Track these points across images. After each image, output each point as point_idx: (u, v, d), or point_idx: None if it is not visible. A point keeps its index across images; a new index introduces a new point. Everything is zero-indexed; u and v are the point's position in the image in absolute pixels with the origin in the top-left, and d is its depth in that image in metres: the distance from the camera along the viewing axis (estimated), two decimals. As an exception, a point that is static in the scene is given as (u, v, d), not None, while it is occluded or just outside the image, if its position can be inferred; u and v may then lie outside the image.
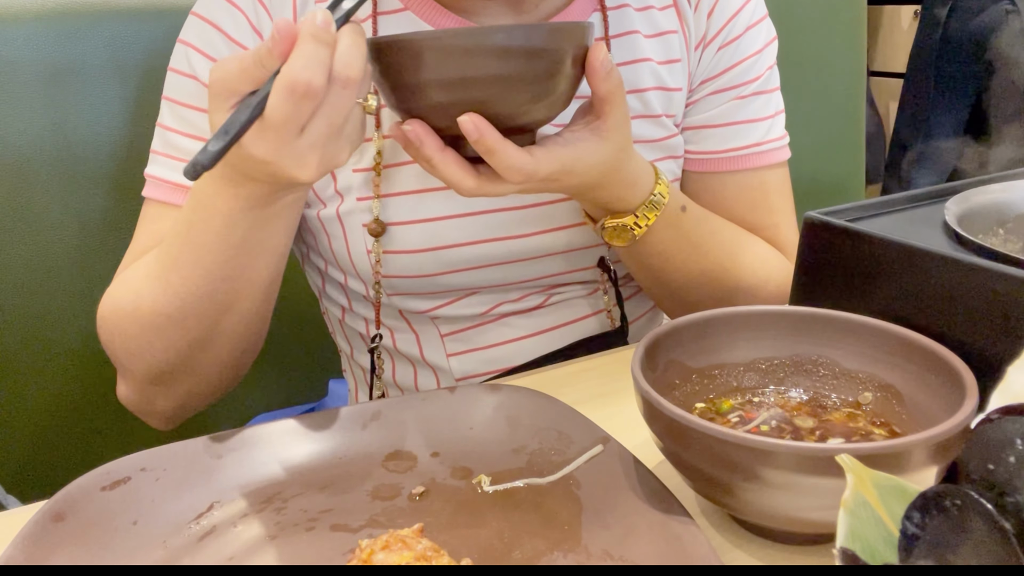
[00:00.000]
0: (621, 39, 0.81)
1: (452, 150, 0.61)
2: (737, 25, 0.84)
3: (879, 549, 0.36)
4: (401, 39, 0.59)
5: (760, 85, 0.86)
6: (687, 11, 0.83)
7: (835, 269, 0.67)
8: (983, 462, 0.39)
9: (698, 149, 0.86)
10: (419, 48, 0.58)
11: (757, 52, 0.85)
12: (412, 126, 0.60)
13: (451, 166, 0.61)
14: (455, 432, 0.62)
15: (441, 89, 0.59)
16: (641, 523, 0.52)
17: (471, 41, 0.58)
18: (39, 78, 0.91)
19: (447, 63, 0.58)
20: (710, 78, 0.85)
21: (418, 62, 0.58)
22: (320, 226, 0.80)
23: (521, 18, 0.79)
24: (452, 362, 0.85)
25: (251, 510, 0.55)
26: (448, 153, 0.61)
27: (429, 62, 0.58)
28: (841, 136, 1.40)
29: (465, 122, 0.58)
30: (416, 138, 0.60)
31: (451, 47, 0.58)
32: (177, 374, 0.72)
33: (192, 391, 0.75)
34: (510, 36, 0.58)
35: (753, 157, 0.86)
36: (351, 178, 0.77)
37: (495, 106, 0.59)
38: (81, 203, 0.95)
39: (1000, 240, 0.69)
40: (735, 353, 0.62)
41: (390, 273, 0.79)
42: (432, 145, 0.60)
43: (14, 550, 0.48)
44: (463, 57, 0.58)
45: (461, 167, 0.61)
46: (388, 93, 0.62)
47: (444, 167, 0.61)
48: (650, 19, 0.83)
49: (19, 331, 0.95)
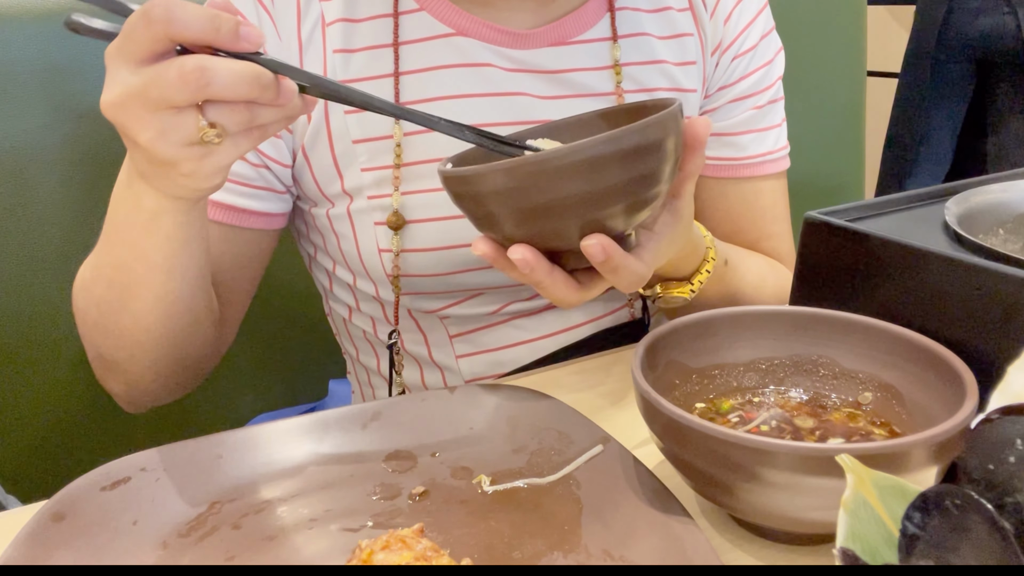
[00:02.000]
0: (632, 39, 0.82)
1: (560, 269, 0.59)
2: (752, 34, 0.86)
3: (879, 549, 0.36)
4: (517, 165, 0.54)
5: (773, 94, 0.89)
6: (703, 16, 0.84)
7: (835, 269, 0.67)
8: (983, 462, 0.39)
9: (716, 155, 0.88)
10: (541, 170, 0.53)
11: (769, 62, 0.88)
12: (521, 253, 0.56)
13: (560, 284, 0.59)
14: (455, 432, 0.62)
15: (557, 213, 0.55)
16: (641, 523, 0.52)
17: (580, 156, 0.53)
18: (39, 78, 0.91)
19: (566, 184, 0.53)
20: (726, 86, 0.87)
21: (540, 186, 0.54)
22: (328, 225, 0.80)
23: (542, 12, 0.79)
24: (461, 364, 0.85)
25: (251, 510, 0.55)
26: (557, 273, 0.58)
27: (549, 186, 0.53)
28: (841, 136, 1.40)
29: (591, 246, 0.55)
30: (526, 265, 0.56)
31: (559, 168, 0.53)
32: (107, 359, 0.73)
33: (131, 382, 0.74)
34: (615, 142, 0.53)
35: (766, 165, 0.89)
36: (360, 177, 0.77)
37: (605, 220, 0.56)
38: (80, 203, 0.95)
39: (1000, 240, 0.69)
40: (735, 353, 0.62)
41: (404, 271, 0.79)
42: (543, 269, 0.57)
43: (14, 550, 0.48)
44: (573, 176, 0.53)
45: (567, 284, 0.59)
46: (487, 222, 0.58)
47: (554, 287, 0.58)
48: (667, 20, 0.83)
49: (19, 331, 0.95)
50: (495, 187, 0.55)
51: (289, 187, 0.80)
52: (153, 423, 1.03)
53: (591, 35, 0.81)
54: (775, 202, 0.91)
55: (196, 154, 0.53)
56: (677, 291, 0.75)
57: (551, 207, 0.55)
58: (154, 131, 0.52)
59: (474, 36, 0.78)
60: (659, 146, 0.55)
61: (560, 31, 0.80)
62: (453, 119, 0.58)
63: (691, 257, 0.73)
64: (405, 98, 0.77)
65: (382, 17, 0.77)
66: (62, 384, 0.98)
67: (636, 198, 0.56)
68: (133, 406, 0.78)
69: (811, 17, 1.32)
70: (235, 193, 0.76)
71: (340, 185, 0.78)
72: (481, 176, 0.55)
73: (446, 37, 0.77)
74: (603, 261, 0.56)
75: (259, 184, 0.77)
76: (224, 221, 0.77)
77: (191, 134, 0.52)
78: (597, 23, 0.81)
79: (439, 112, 0.63)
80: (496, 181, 0.54)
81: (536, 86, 0.79)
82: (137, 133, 0.52)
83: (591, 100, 0.80)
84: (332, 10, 0.76)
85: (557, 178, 0.53)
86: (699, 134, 0.60)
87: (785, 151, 0.91)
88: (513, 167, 0.54)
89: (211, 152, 0.53)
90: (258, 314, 1.07)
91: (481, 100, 0.77)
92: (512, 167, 0.54)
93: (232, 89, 0.50)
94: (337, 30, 0.76)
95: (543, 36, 0.79)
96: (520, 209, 0.55)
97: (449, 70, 0.77)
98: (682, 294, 0.75)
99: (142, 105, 0.51)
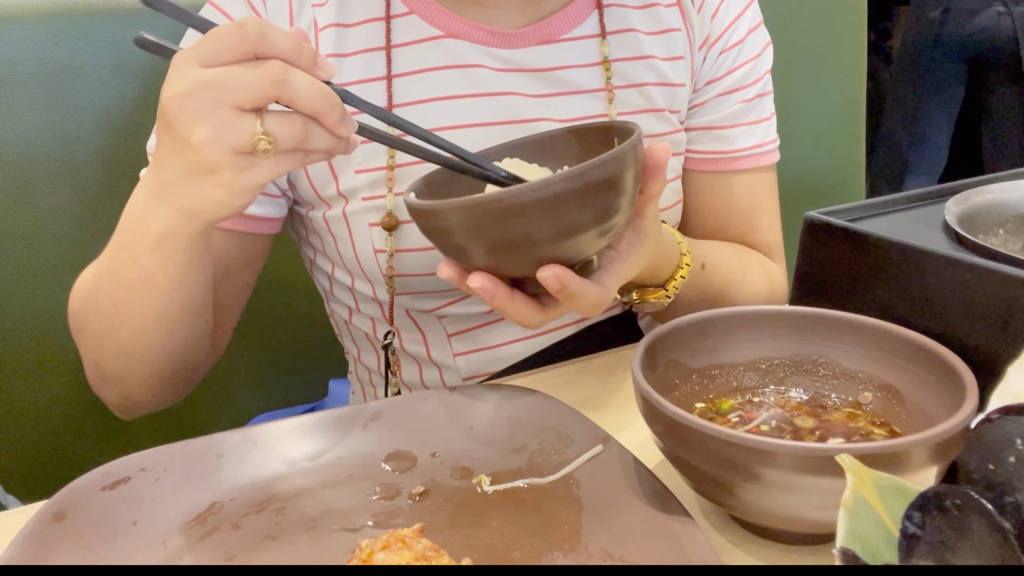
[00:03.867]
0: (620, 36, 0.82)
1: (520, 292, 0.60)
2: (739, 29, 0.87)
3: (879, 549, 0.36)
4: (477, 202, 0.55)
5: (761, 88, 0.89)
6: (691, 11, 0.85)
7: (835, 269, 0.67)
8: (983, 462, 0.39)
9: (706, 149, 0.89)
10: (502, 207, 0.55)
11: (757, 56, 0.88)
12: (480, 281, 0.58)
13: (520, 308, 0.60)
14: (455, 432, 0.62)
15: (517, 246, 0.56)
16: (641, 523, 0.52)
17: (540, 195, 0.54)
18: (39, 78, 0.91)
19: (526, 220, 0.55)
20: (714, 80, 0.87)
21: (501, 222, 0.55)
22: (325, 228, 0.81)
23: (529, 11, 0.79)
24: (459, 361, 0.85)
25: (251, 510, 0.55)
26: (517, 297, 0.60)
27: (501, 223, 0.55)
28: (841, 136, 1.40)
29: (547, 278, 0.57)
30: (486, 293, 0.59)
31: (521, 205, 0.54)
32: (104, 369, 0.73)
33: (126, 393, 0.75)
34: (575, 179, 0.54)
35: (756, 158, 0.90)
36: (355, 179, 0.77)
37: (566, 250, 0.58)
38: (81, 203, 0.95)
39: (1000, 240, 0.69)
40: (735, 353, 0.62)
41: (400, 271, 0.79)
42: (503, 295, 0.59)
43: (14, 550, 0.48)
44: (534, 213, 0.55)
45: (529, 307, 0.61)
46: (452, 251, 0.60)
47: (514, 310, 0.60)
48: (655, 16, 0.84)
49: (19, 331, 0.95)
50: (456, 222, 0.56)
51: (284, 191, 0.80)
52: (153, 423, 1.03)
53: (579, 32, 0.81)
54: (764, 195, 0.91)
55: (240, 164, 0.54)
56: (653, 297, 0.76)
57: (511, 241, 0.56)
58: (211, 129, 0.53)
59: (463, 37, 0.78)
60: (618, 180, 0.57)
61: (548, 29, 0.80)
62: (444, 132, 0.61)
63: (664, 265, 0.74)
64: (398, 100, 0.77)
65: (374, 21, 0.78)
66: (62, 384, 0.98)
67: (596, 229, 0.58)
68: (126, 414, 0.79)
69: (811, 17, 1.32)
70: None
71: (335, 187, 0.78)
72: (443, 211, 0.56)
73: (436, 39, 0.78)
74: (559, 290, 0.58)
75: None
76: (222, 226, 0.77)
77: (244, 139, 0.53)
78: (585, 20, 0.81)
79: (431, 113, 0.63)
80: (457, 217, 0.56)
81: (526, 85, 0.79)
82: (192, 129, 0.53)
83: (581, 97, 0.81)
84: (324, 15, 0.77)
85: (517, 214, 0.55)
86: (658, 160, 0.61)
87: (775, 144, 0.91)
88: (473, 203, 0.55)
89: (254, 165, 0.54)
90: (259, 314, 1.07)
91: (472, 100, 0.78)
92: (472, 203, 0.55)
93: (306, 96, 0.53)
94: (330, 35, 0.77)
95: (531, 35, 0.80)
96: (481, 243, 0.57)
97: (440, 72, 0.78)
98: (658, 299, 0.76)
99: (210, 98, 0.52)
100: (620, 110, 0.81)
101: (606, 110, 0.81)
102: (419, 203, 0.58)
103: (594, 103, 0.81)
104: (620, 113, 0.81)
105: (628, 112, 0.82)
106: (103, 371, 0.74)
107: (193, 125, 0.53)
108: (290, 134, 0.54)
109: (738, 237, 0.91)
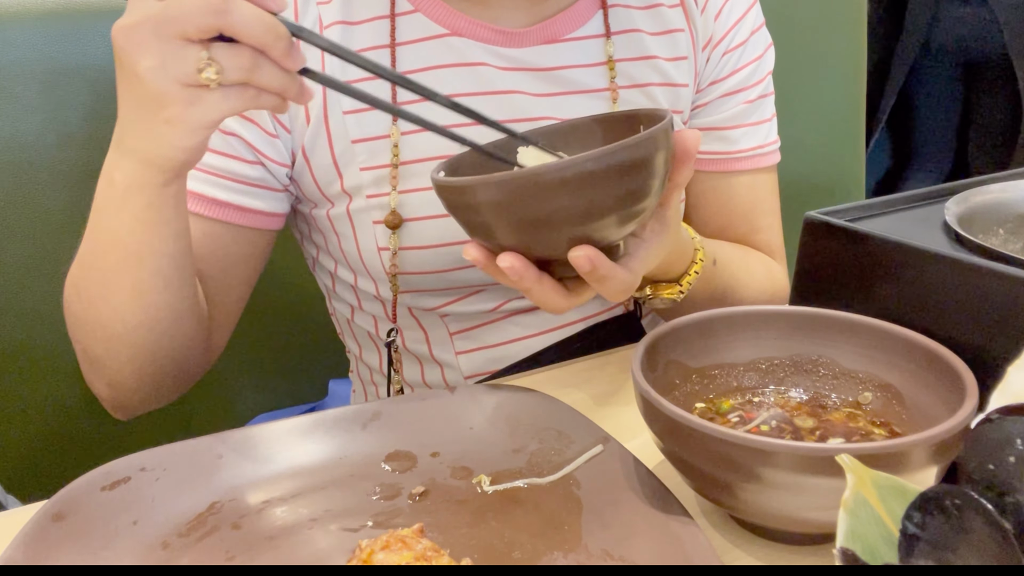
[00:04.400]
0: (624, 36, 0.83)
1: (548, 276, 0.60)
2: (742, 30, 0.87)
3: (879, 549, 0.36)
4: (510, 178, 0.54)
5: (763, 89, 0.89)
6: (694, 11, 0.85)
7: (835, 269, 0.67)
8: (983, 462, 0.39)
9: (708, 150, 0.89)
10: (534, 184, 0.54)
11: (759, 57, 0.89)
12: (509, 261, 0.57)
13: (548, 291, 0.60)
14: (455, 432, 0.62)
15: (548, 226, 0.56)
16: (641, 523, 0.52)
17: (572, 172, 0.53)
18: (39, 78, 0.91)
19: (558, 198, 0.54)
20: (717, 80, 0.87)
21: (532, 199, 0.54)
22: (329, 225, 0.81)
23: (534, 10, 0.80)
24: (461, 360, 0.85)
25: (251, 510, 0.55)
26: (545, 281, 0.59)
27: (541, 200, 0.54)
28: (841, 136, 1.40)
29: (579, 258, 0.56)
30: (515, 273, 0.58)
31: (552, 182, 0.53)
32: (88, 354, 0.73)
33: (113, 382, 0.74)
34: (608, 158, 0.54)
35: (757, 158, 0.90)
36: (359, 176, 0.77)
37: (596, 231, 0.57)
38: (81, 203, 0.94)
39: (1000, 240, 0.69)
40: (735, 353, 0.62)
41: (404, 269, 0.79)
42: (531, 276, 0.58)
43: (14, 550, 0.48)
44: (565, 191, 0.54)
45: (556, 290, 0.60)
46: (480, 230, 0.59)
47: (542, 294, 0.60)
48: (659, 16, 0.84)
49: (19, 331, 0.95)
50: (488, 199, 0.55)
51: (286, 186, 0.80)
52: (153, 423, 1.03)
53: (584, 32, 0.81)
54: (765, 196, 0.92)
55: (187, 96, 0.54)
56: (667, 292, 0.76)
57: (542, 220, 0.55)
58: (156, 59, 0.53)
59: (468, 35, 0.78)
60: (650, 162, 0.56)
61: (553, 29, 0.80)
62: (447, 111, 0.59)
63: (680, 260, 0.74)
64: (403, 98, 0.77)
65: (379, 19, 0.78)
66: (62, 384, 0.98)
67: (626, 211, 0.57)
68: (120, 411, 0.78)
69: (811, 17, 1.32)
70: (227, 189, 0.76)
71: (340, 185, 0.78)
72: (474, 187, 0.55)
73: (441, 37, 0.78)
74: (590, 271, 0.57)
75: (253, 181, 0.77)
76: (214, 216, 0.76)
77: (190, 70, 0.53)
78: (589, 20, 0.82)
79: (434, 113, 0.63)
80: (489, 193, 0.55)
81: (530, 84, 0.79)
82: (138, 59, 0.53)
83: (585, 97, 0.81)
84: (329, 13, 0.77)
85: (550, 192, 0.54)
86: (688, 147, 0.61)
87: (776, 145, 0.92)
88: (506, 180, 0.54)
89: (202, 98, 0.54)
90: (259, 314, 1.07)
91: (476, 99, 0.78)
92: (505, 180, 0.54)
93: (248, 24, 0.52)
94: (335, 32, 0.77)
95: (536, 34, 0.80)
96: (511, 221, 0.56)
97: (444, 70, 0.78)
98: (671, 295, 0.76)
99: (154, 30, 0.53)
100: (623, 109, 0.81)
101: (610, 110, 0.81)
102: (449, 180, 0.57)
103: (598, 103, 0.81)
104: None
105: None
106: (89, 356, 0.74)
107: (139, 55, 0.53)
108: (236, 63, 0.53)
109: (740, 237, 0.91)
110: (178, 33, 0.52)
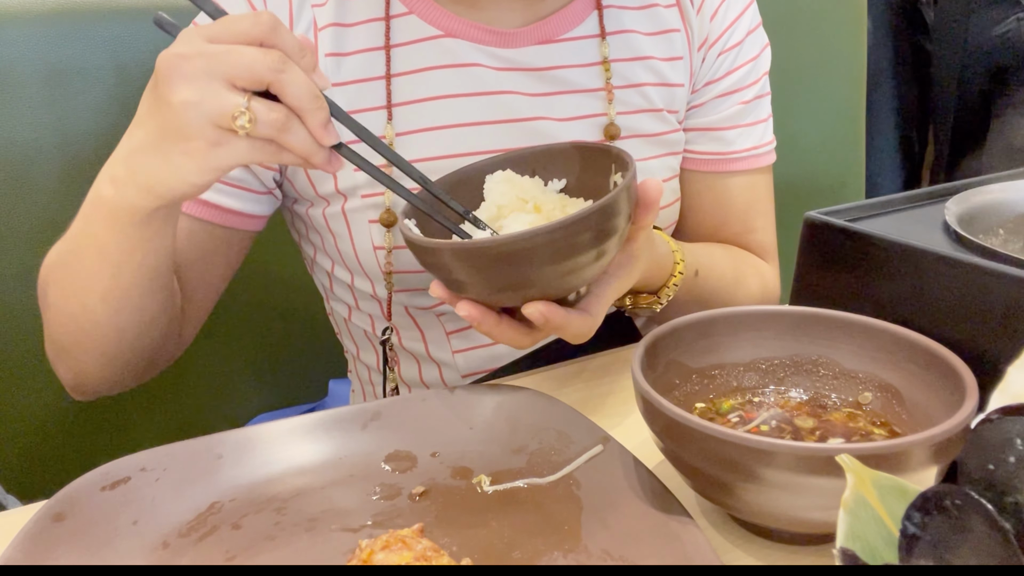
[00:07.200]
0: (619, 36, 0.83)
1: (507, 317, 0.62)
2: (738, 31, 0.87)
3: (879, 549, 0.36)
4: (473, 247, 0.58)
5: (759, 90, 0.89)
6: (690, 12, 0.85)
7: (835, 269, 0.67)
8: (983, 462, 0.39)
9: (703, 150, 0.89)
10: (497, 253, 0.57)
11: (755, 58, 0.89)
12: (467, 310, 0.61)
13: (508, 332, 0.62)
14: (455, 432, 0.62)
15: (512, 286, 0.59)
16: (641, 523, 0.52)
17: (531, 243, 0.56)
18: (39, 78, 0.91)
19: (512, 266, 0.57)
20: (713, 81, 0.87)
21: (488, 264, 0.58)
22: (325, 225, 0.81)
23: (529, 11, 0.80)
24: (458, 359, 0.85)
25: (251, 510, 0.55)
26: (504, 322, 0.62)
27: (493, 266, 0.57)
28: (841, 136, 1.40)
29: (532, 314, 0.59)
30: (474, 320, 0.61)
31: (512, 252, 0.56)
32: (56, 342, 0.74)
33: (79, 370, 0.75)
34: (570, 228, 0.56)
35: (753, 159, 0.90)
36: (354, 177, 0.77)
37: (558, 288, 0.60)
38: (80, 204, 0.95)
39: (1000, 240, 0.69)
40: (735, 353, 0.62)
41: (399, 268, 0.79)
42: (490, 322, 0.61)
43: (14, 550, 0.48)
44: (523, 261, 0.57)
45: (517, 330, 0.62)
46: (447, 281, 0.62)
47: (502, 335, 0.62)
48: (654, 16, 0.84)
49: (19, 331, 0.95)
50: (452, 261, 0.58)
51: (270, 189, 0.80)
52: (153, 423, 1.03)
53: (578, 32, 0.81)
54: (760, 196, 0.92)
55: (214, 137, 0.55)
56: (645, 303, 0.77)
57: (504, 283, 0.58)
58: (196, 95, 0.54)
59: (462, 37, 0.78)
60: (611, 225, 0.58)
61: (547, 29, 0.80)
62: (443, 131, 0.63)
63: (657, 274, 0.75)
64: (397, 99, 0.77)
65: (373, 21, 0.78)
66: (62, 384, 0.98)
67: (590, 268, 0.60)
68: (79, 394, 0.78)
69: (811, 17, 1.32)
70: (211, 189, 0.76)
71: (334, 185, 0.78)
72: (439, 250, 0.58)
73: (435, 39, 0.78)
74: (543, 324, 0.60)
75: (235, 182, 0.77)
76: (195, 215, 0.77)
77: (226, 111, 0.54)
78: (584, 21, 0.82)
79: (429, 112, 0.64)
80: (453, 257, 0.58)
81: (524, 84, 0.79)
82: (178, 90, 0.54)
83: (580, 96, 0.81)
84: (324, 15, 0.77)
85: (510, 260, 0.57)
86: (651, 197, 0.62)
87: (771, 146, 0.92)
88: (468, 248, 0.57)
89: (227, 142, 0.55)
90: (258, 314, 1.07)
91: (470, 100, 0.78)
92: (467, 248, 0.57)
93: (296, 89, 0.54)
94: (329, 34, 0.77)
95: (530, 34, 0.80)
96: (475, 281, 0.59)
97: (439, 71, 0.78)
98: (650, 306, 0.77)
99: (206, 65, 0.54)
100: (619, 110, 0.82)
101: (605, 109, 0.81)
102: (417, 239, 0.60)
103: (593, 102, 0.81)
104: (619, 113, 0.82)
105: (627, 112, 0.82)
106: (55, 343, 0.74)
107: (180, 85, 0.54)
108: (271, 118, 0.54)
109: (734, 237, 0.92)
110: (228, 77, 0.54)
